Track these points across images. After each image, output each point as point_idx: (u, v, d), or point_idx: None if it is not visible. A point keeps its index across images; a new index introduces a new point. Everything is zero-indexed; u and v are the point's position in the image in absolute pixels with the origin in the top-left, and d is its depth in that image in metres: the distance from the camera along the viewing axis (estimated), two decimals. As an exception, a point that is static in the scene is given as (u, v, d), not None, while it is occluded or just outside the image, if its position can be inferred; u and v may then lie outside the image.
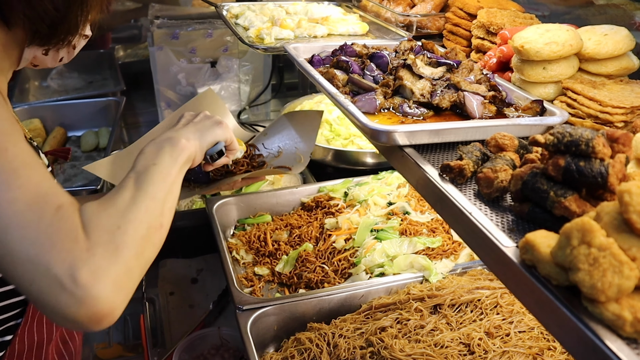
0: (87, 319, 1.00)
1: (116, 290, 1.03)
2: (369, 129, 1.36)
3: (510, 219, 1.12)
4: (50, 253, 1.00)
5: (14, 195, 1.04)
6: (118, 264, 1.05)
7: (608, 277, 0.81)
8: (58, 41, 1.41)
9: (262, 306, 1.99)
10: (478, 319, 1.90)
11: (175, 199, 1.29)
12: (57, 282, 0.99)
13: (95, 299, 0.99)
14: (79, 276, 0.99)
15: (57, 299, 0.99)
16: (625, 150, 1.05)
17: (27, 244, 1.00)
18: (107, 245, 1.05)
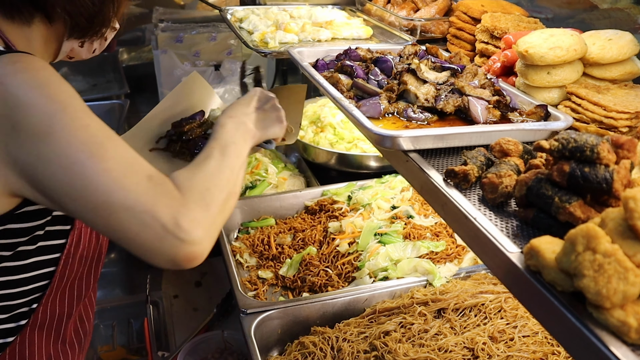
0: (185, 258, 1.20)
1: (207, 237, 1.24)
2: (373, 134, 1.37)
3: (515, 224, 1.12)
4: (155, 207, 1.19)
5: (107, 166, 1.21)
6: (208, 217, 1.25)
7: (613, 284, 0.81)
8: (94, 33, 1.56)
9: (266, 310, 1.99)
10: (482, 324, 1.90)
11: (243, 175, 1.51)
12: (163, 229, 1.18)
13: (193, 242, 1.19)
14: (181, 223, 1.19)
15: (163, 243, 1.18)
16: (630, 156, 1.05)
17: (131, 203, 1.19)
18: (199, 202, 1.26)
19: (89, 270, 1.65)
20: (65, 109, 1.24)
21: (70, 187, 1.20)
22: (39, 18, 1.45)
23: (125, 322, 2.55)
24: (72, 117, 1.23)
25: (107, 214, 1.20)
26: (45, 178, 1.21)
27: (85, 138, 1.22)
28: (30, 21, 1.44)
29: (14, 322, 1.50)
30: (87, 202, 1.20)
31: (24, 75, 1.25)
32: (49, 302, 1.55)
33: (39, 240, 1.44)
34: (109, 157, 1.22)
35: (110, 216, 1.19)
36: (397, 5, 2.67)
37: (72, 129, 1.22)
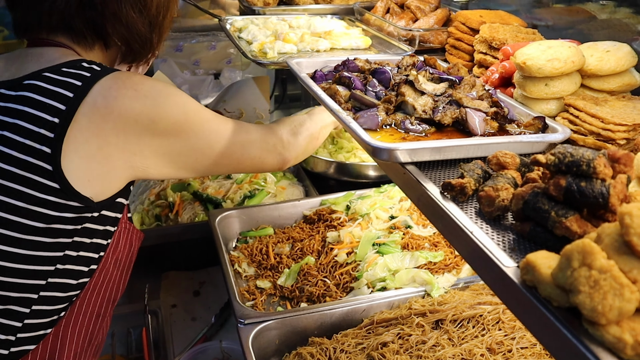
0: (285, 162, 1.96)
1: (296, 152, 2.00)
2: (370, 147, 1.37)
3: (512, 238, 1.12)
4: (268, 135, 1.91)
5: (230, 126, 1.79)
6: (297, 141, 1.99)
7: (609, 300, 0.81)
8: (142, 58, 1.82)
9: (264, 320, 1.99)
10: (480, 335, 1.89)
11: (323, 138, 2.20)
12: (274, 147, 1.92)
13: (290, 152, 1.96)
14: (284, 143, 1.95)
15: (275, 155, 1.92)
16: (626, 171, 1.05)
17: (254, 137, 1.86)
18: (294, 132, 2.00)
19: (121, 275, 1.75)
20: (186, 100, 1.67)
21: (210, 149, 1.72)
22: (98, 45, 1.71)
23: (124, 331, 2.54)
24: (193, 103, 1.68)
25: (240, 153, 1.80)
26: (186, 150, 1.66)
27: (208, 115, 1.73)
28: (92, 47, 1.70)
29: (57, 314, 1.59)
30: (223, 153, 1.75)
31: (150, 82, 1.59)
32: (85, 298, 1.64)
33: (94, 236, 1.59)
34: (226, 121, 1.79)
35: (243, 153, 1.81)
36: (396, 15, 2.68)
37: (198, 111, 1.69)
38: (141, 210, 2.88)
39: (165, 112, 1.58)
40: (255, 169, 1.94)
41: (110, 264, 1.67)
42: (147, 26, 1.72)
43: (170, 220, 2.84)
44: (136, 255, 1.83)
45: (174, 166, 1.67)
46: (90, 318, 1.68)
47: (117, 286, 1.76)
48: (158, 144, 1.59)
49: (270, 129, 1.95)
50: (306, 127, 2.05)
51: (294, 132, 1.99)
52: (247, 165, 1.87)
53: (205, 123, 1.70)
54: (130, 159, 1.56)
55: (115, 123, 1.50)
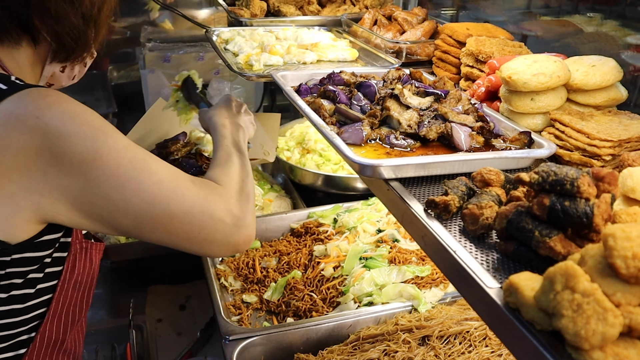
0: (243, 241, 1.46)
1: (253, 221, 1.50)
2: (354, 163, 1.35)
3: (496, 257, 1.10)
4: (210, 204, 1.41)
5: (158, 178, 1.36)
6: (250, 204, 1.52)
7: (592, 325, 0.79)
8: (76, 57, 1.58)
9: (249, 336, 1.97)
10: (467, 352, 1.87)
11: None
12: (221, 221, 1.41)
13: (246, 225, 1.46)
14: (235, 212, 1.44)
15: (224, 233, 1.42)
16: (611, 189, 1.04)
17: (188, 207, 1.38)
18: (240, 192, 1.52)
19: (82, 296, 1.65)
20: (105, 133, 1.33)
21: (125, 204, 1.32)
22: (25, 41, 1.49)
23: (108, 347, 2.51)
24: (113, 140, 1.33)
25: (167, 222, 1.36)
26: (96, 200, 1.31)
27: (131, 156, 1.34)
28: (19, 43, 1.48)
29: (14, 350, 1.48)
30: (145, 215, 1.34)
31: (59, 108, 1.30)
32: (47, 329, 1.54)
33: (46, 267, 1.46)
34: (155, 170, 1.37)
35: (172, 223, 1.36)
36: (383, 27, 2.67)
37: (117, 150, 1.33)
38: (127, 223, 2.84)
39: (70, 145, 1.28)
40: (199, 251, 1.46)
41: (69, 288, 1.55)
42: (79, 18, 1.50)
43: (156, 233, 2.80)
44: (98, 272, 1.69)
45: (88, 218, 1.35)
46: (54, 344, 1.59)
47: (80, 307, 1.64)
48: (66, 185, 1.29)
49: (216, 193, 1.47)
50: (247, 175, 1.64)
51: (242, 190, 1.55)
52: (185, 243, 1.41)
53: (123, 167, 1.33)
54: (38, 201, 1.30)
55: (15, 156, 1.26)
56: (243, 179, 1.58)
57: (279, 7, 3.04)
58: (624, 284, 0.83)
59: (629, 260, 0.82)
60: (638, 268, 0.81)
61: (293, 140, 3.37)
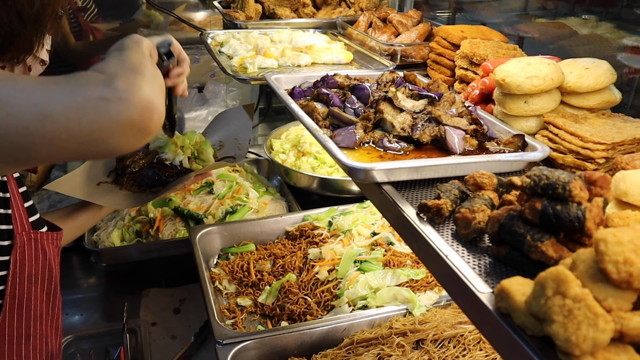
0: (140, 115, 1.13)
1: (152, 91, 1.17)
2: (346, 167, 1.34)
3: (488, 261, 1.10)
4: (81, 89, 1.12)
5: (23, 84, 1.13)
6: (143, 76, 1.19)
7: (583, 330, 0.79)
8: (12, 57, 1.46)
9: (243, 340, 1.95)
10: (461, 355, 1.86)
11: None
12: (101, 100, 1.11)
13: (138, 95, 1.13)
14: (116, 85, 1.12)
15: (108, 113, 1.11)
16: (603, 193, 1.03)
17: (58, 99, 1.10)
18: (124, 69, 1.20)
19: (42, 289, 1.61)
20: None
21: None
22: None
23: (102, 351, 2.49)
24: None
25: (41, 125, 1.11)
26: None
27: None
28: None
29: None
30: (17, 126, 1.11)
31: None
32: (6, 323, 1.52)
33: None
34: (20, 79, 1.16)
35: (45, 125, 1.11)
36: (378, 30, 2.67)
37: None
38: (121, 226, 2.83)
39: None
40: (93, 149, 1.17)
41: (23, 281, 1.52)
42: (13, 17, 1.38)
43: (150, 237, 2.80)
44: (58, 259, 1.64)
45: None
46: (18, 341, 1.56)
47: (41, 301, 1.60)
48: None
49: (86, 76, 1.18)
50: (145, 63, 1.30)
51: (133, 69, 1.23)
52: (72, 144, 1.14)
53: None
54: None
55: None
56: (126, 59, 1.27)
57: (274, 9, 3.04)
58: (615, 289, 0.83)
59: (620, 265, 0.81)
60: (629, 273, 0.80)
61: (288, 142, 3.36)
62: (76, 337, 2.44)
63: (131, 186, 2.05)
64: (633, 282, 0.81)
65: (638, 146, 1.44)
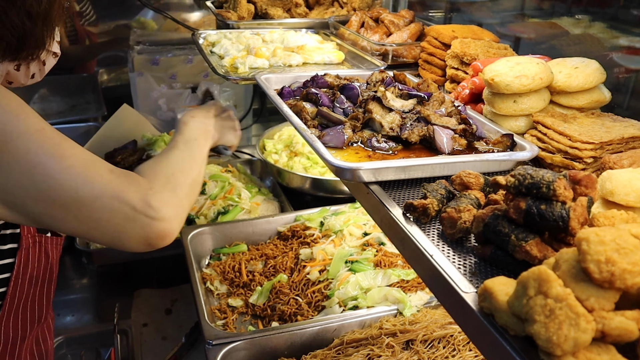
0: (158, 236, 1.36)
1: (176, 217, 1.40)
2: (333, 167, 1.34)
3: (473, 261, 1.09)
4: (122, 192, 1.33)
5: (69, 163, 1.30)
6: (176, 198, 1.42)
7: (564, 330, 0.78)
8: (27, 55, 1.50)
9: (233, 341, 1.95)
10: (450, 356, 1.86)
11: (203, 172, 1.68)
12: (133, 210, 1.33)
13: (163, 219, 1.36)
14: (151, 202, 1.35)
15: (135, 223, 1.33)
16: (588, 192, 1.03)
17: (98, 193, 1.31)
18: (166, 185, 1.43)
19: (41, 291, 1.63)
20: (18, 116, 1.29)
21: (35, 189, 1.28)
22: None
23: (93, 351, 2.48)
24: (26, 124, 1.29)
25: (76, 209, 1.31)
26: (9, 186, 1.28)
27: (42, 141, 1.30)
28: None
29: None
30: (54, 202, 1.29)
31: None
32: (2, 325, 1.53)
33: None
34: (68, 155, 1.31)
35: (80, 210, 1.31)
36: (370, 30, 2.66)
37: (28, 134, 1.28)
38: (113, 227, 2.82)
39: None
40: (109, 241, 1.39)
41: (25, 283, 1.53)
42: (24, 17, 1.42)
43: (142, 237, 2.79)
44: (58, 264, 1.66)
45: (4, 205, 1.32)
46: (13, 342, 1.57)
47: (40, 303, 1.62)
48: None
49: (133, 182, 1.39)
50: (187, 169, 1.56)
51: (170, 182, 1.46)
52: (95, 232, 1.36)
53: (33, 152, 1.28)
54: None
55: None
56: (174, 173, 1.49)
57: (266, 9, 3.03)
58: (597, 289, 0.82)
59: (602, 264, 0.81)
60: (611, 272, 0.80)
61: (281, 143, 3.35)
62: (67, 338, 2.44)
63: None
64: (615, 282, 0.80)
65: (626, 146, 1.44)
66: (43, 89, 4.40)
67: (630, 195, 1.12)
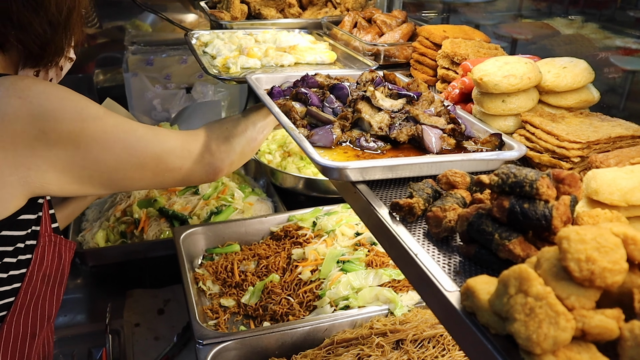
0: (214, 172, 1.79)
1: (231, 162, 1.84)
2: (320, 166, 1.34)
3: (458, 260, 1.09)
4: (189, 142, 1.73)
5: (139, 134, 1.60)
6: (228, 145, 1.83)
7: (544, 329, 0.78)
8: (47, 62, 1.63)
9: (223, 340, 1.94)
10: (440, 355, 1.86)
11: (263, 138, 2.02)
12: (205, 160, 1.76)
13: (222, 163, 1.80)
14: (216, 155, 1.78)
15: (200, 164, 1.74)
16: (571, 191, 1.03)
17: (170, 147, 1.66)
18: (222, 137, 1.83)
19: (52, 290, 1.65)
20: (86, 104, 1.49)
21: (116, 161, 1.54)
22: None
23: (85, 351, 2.49)
24: (94, 109, 1.50)
25: (154, 165, 1.63)
26: (86, 163, 1.49)
27: (112, 121, 1.53)
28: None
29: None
30: (133, 165, 1.58)
31: (38, 87, 1.42)
32: (13, 320, 1.54)
33: (19, 253, 1.50)
34: (135, 128, 1.59)
35: (158, 165, 1.63)
36: (363, 30, 2.66)
37: (99, 118, 1.50)
38: (106, 227, 2.82)
39: (57, 120, 1.41)
40: (180, 181, 1.75)
41: (38, 280, 1.58)
42: (46, 26, 1.54)
43: (135, 237, 2.79)
44: (69, 267, 1.72)
45: (78, 181, 1.51)
46: (23, 339, 1.59)
47: (50, 302, 1.65)
48: (55, 156, 1.43)
49: (194, 135, 1.77)
50: (241, 128, 1.89)
51: (225, 136, 1.83)
52: (168, 178, 1.69)
53: (109, 130, 1.51)
54: (26, 175, 1.41)
55: (1, 136, 1.37)
56: (228, 128, 1.86)
57: (259, 10, 3.03)
58: (578, 287, 0.82)
59: (583, 263, 0.81)
60: (591, 271, 0.80)
61: (275, 143, 3.35)
62: (59, 338, 2.43)
63: None
64: (595, 280, 0.81)
65: (613, 145, 1.44)
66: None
67: (615, 194, 1.12)
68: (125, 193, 2.96)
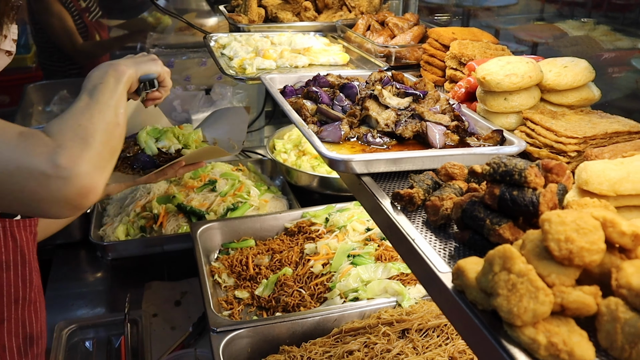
0: (77, 194, 1.24)
1: (94, 169, 1.27)
2: (326, 158, 1.41)
3: (454, 246, 1.16)
4: (28, 158, 1.21)
5: None
6: (89, 149, 1.28)
7: (524, 303, 0.85)
8: None
9: (236, 328, 2.02)
10: (443, 344, 1.93)
11: (125, 109, 1.52)
12: (43, 175, 1.21)
13: (78, 175, 1.23)
14: (59, 162, 1.22)
15: (48, 188, 1.22)
16: (559, 180, 1.09)
17: (4, 162, 1.20)
18: (74, 139, 1.28)
19: (16, 275, 1.64)
20: None
21: None
22: None
23: (105, 340, 2.58)
24: None
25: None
26: None
27: None
28: None
29: None
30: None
31: None
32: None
33: None
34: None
35: None
36: (376, 32, 2.73)
37: None
38: (126, 222, 2.92)
39: None
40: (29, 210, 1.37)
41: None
42: None
43: (154, 232, 2.88)
44: (34, 244, 1.66)
45: None
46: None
47: (16, 286, 1.62)
48: None
49: (37, 141, 1.26)
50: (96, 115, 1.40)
51: (78, 134, 1.32)
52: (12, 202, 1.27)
53: None
54: None
55: None
56: (80, 123, 1.34)
57: (276, 13, 3.11)
58: (558, 266, 0.89)
59: (562, 243, 0.87)
60: (570, 250, 0.87)
61: (290, 143, 3.44)
62: (80, 326, 2.52)
63: (125, 168, 2.12)
64: (574, 259, 0.87)
65: (610, 140, 1.50)
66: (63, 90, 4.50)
67: (604, 184, 1.18)
68: (145, 189, 3.06)
